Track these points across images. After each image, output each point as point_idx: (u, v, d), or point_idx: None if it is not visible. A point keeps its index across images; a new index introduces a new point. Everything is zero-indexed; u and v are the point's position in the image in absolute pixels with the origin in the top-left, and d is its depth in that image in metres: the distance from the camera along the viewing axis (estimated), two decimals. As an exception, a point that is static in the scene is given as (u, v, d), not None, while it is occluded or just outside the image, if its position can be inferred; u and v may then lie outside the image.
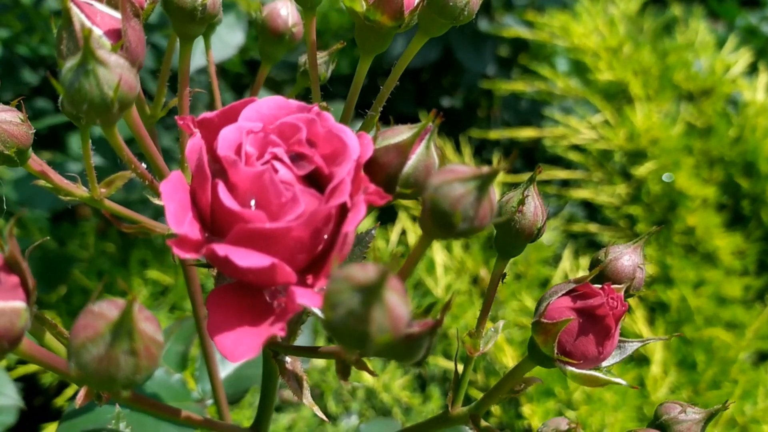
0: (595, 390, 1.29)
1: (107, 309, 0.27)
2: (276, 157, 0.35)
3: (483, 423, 0.48)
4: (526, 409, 1.25)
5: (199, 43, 0.48)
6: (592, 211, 1.71)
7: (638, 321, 1.38)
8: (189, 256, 0.33)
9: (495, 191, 0.32)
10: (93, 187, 0.49)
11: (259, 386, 0.53)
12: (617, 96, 1.66)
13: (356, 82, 0.46)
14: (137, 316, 0.27)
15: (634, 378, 1.33)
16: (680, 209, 1.52)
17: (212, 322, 0.33)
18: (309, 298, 0.33)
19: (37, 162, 0.46)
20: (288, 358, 0.46)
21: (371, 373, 0.36)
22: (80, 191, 0.49)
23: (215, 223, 0.35)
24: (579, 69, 1.79)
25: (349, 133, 0.36)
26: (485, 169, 0.30)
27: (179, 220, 0.33)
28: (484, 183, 0.30)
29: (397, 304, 0.26)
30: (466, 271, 1.45)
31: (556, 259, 1.56)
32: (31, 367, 1.26)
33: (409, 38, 0.46)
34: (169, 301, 1.41)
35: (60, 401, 1.21)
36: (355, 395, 1.36)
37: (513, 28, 1.83)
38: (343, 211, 0.35)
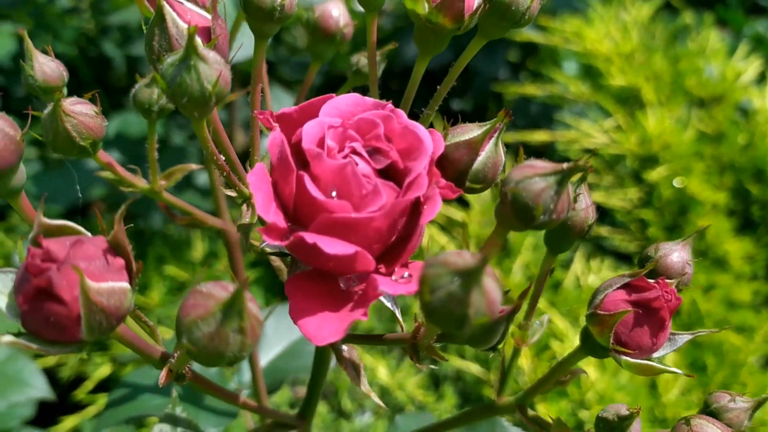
0: (608, 391, 1.30)
1: (215, 290, 0.29)
2: (354, 151, 0.37)
3: (530, 412, 0.49)
4: (541, 408, 1.26)
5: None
6: (602, 214, 1.73)
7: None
8: (276, 243, 0.35)
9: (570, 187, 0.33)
10: (154, 179, 0.50)
11: (293, 379, 0.54)
12: (629, 101, 1.68)
13: (413, 80, 0.47)
14: (246, 296, 0.28)
15: (647, 378, 1.35)
16: (691, 214, 1.54)
17: (294, 307, 0.35)
18: (389, 286, 0.35)
19: (104, 154, 0.48)
20: (345, 347, 0.48)
21: (442, 358, 0.37)
22: (141, 183, 0.51)
23: (297, 213, 0.36)
24: (589, 73, 1.81)
25: (423, 130, 0.38)
26: (565, 165, 0.32)
27: (267, 208, 0.35)
28: (563, 178, 0.32)
29: (493, 289, 0.28)
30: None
31: (567, 263, 1.58)
32: (49, 361, 1.28)
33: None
34: (186, 297, 1.42)
35: (80, 394, 1.23)
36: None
37: (525, 32, 1.85)
38: (414, 204, 0.37)
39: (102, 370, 1.21)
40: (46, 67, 0.46)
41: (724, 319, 1.46)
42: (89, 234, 0.32)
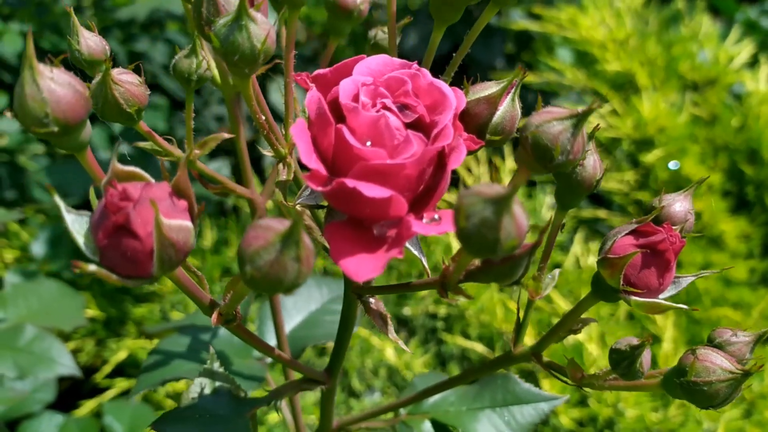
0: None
1: (274, 223, 0.32)
2: (385, 107, 0.40)
3: (545, 359, 0.53)
4: (545, 384, 1.30)
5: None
6: (598, 198, 1.77)
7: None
8: (318, 188, 0.38)
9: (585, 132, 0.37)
10: (189, 147, 0.54)
11: (314, 346, 0.57)
12: (624, 86, 1.72)
13: (430, 49, 0.51)
14: (302, 228, 0.32)
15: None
16: (687, 195, 1.58)
17: (334, 249, 0.39)
18: (421, 227, 0.38)
19: (144, 124, 0.51)
20: (372, 299, 0.51)
21: (468, 296, 0.41)
22: (177, 152, 0.54)
23: (335, 162, 0.40)
24: (583, 60, 1.85)
25: (447, 87, 0.41)
26: (581, 108, 0.35)
27: (309, 156, 0.38)
28: (579, 121, 0.36)
29: (521, 214, 0.32)
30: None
31: (567, 245, 1.62)
32: (67, 347, 1.31)
33: (421, 28, 0.51)
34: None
35: (98, 377, 1.26)
36: (378, 373, 1.41)
37: (521, 21, 1.89)
38: (439, 156, 0.41)
39: (119, 354, 1.25)
40: (90, 41, 0.49)
41: (721, 296, 1.50)
42: (154, 180, 0.35)
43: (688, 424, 1.30)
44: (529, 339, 1.39)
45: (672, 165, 1.60)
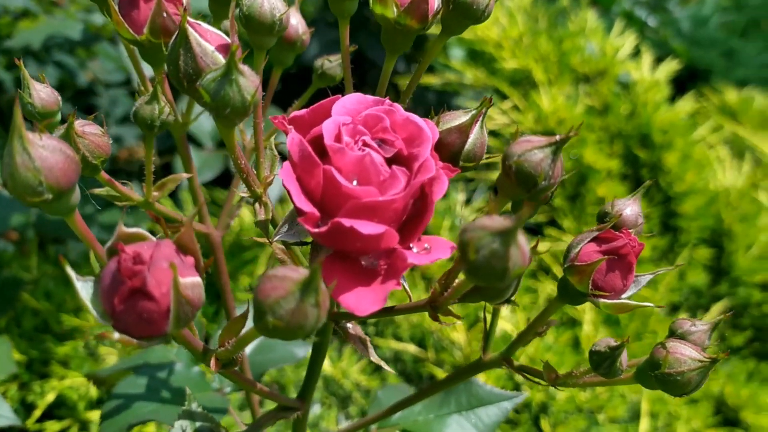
0: (537, 353, 1.40)
1: (289, 272, 0.33)
2: (365, 144, 0.42)
3: (515, 363, 0.56)
4: (481, 376, 1.35)
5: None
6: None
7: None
8: (315, 230, 0.39)
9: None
10: (148, 191, 0.53)
11: (272, 371, 0.58)
12: (522, 82, 1.79)
13: (384, 78, 0.53)
14: (320, 274, 0.33)
15: (570, 338, 1.46)
16: (590, 182, 1.67)
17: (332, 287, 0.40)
18: (415, 258, 0.40)
19: (103, 173, 0.50)
20: (350, 324, 0.53)
21: (457, 317, 0.43)
22: (136, 196, 0.53)
23: (324, 202, 0.41)
24: (481, 59, 1.91)
25: (421, 120, 0.43)
26: (557, 137, 0.38)
27: (302, 200, 0.39)
28: (557, 148, 0.38)
29: (524, 243, 0.34)
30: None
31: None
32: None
33: (321, 37, 0.53)
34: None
35: (29, 423, 1.21)
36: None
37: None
38: (421, 187, 0.42)
39: (47, 397, 1.20)
40: (42, 93, 0.48)
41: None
42: (154, 239, 0.35)
43: (614, 399, 1.38)
44: (462, 336, 1.43)
45: (571, 155, 1.68)
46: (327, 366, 1.40)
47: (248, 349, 0.78)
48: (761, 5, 2.71)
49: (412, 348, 1.44)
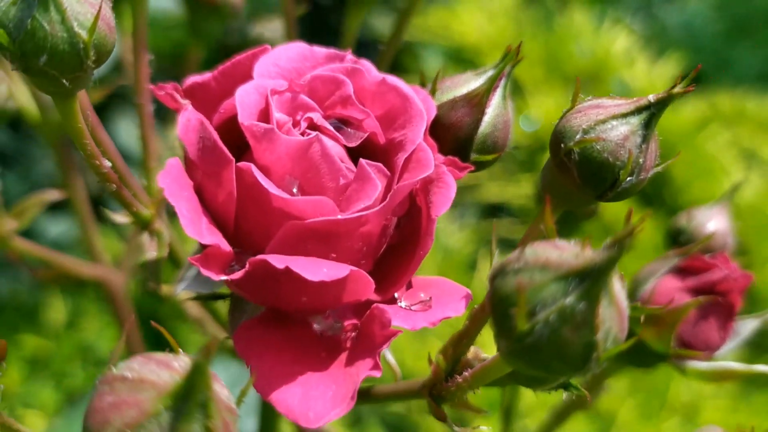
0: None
1: (150, 369, 0.16)
2: (313, 124, 0.24)
3: None
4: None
5: None
6: (496, 210, 1.67)
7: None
8: (218, 277, 0.22)
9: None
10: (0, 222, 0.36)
11: None
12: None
13: (350, 31, 0.36)
14: (210, 374, 0.16)
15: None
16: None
17: (260, 374, 0.22)
18: (403, 318, 0.23)
19: None
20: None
21: (479, 411, 0.26)
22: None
23: (241, 227, 0.23)
24: (459, 64, 1.76)
25: (407, 86, 0.26)
26: (650, 96, 0.21)
27: (197, 224, 0.22)
28: (651, 117, 0.21)
29: (622, 296, 0.17)
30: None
31: (473, 265, 1.50)
32: None
33: None
34: (54, 371, 1.21)
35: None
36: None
37: (387, 31, 1.78)
38: (410, 198, 0.25)
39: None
40: None
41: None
42: None
43: None
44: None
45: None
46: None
47: None
48: (749, 12, 2.62)
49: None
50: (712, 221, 0.35)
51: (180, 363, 0.17)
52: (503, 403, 0.39)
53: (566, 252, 0.17)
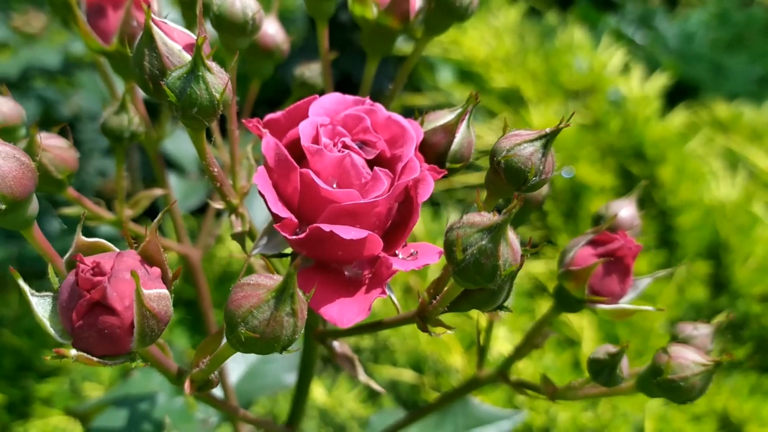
0: (536, 375, 1.36)
1: (262, 279, 0.31)
2: (345, 145, 0.39)
3: (512, 377, 0.53)
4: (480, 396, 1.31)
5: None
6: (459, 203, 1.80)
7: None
8: (292, 237, 0.37)
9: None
10: (120, 210, 0.51)
11: (264, 402, 0.54)
12: (512, 100, 1.77)
13: (366, 81, 0.51)
14: (296, 280, 0.30)
15: (569, 358, 1.42)
16: (583, 198, 1.65)
17: (314, 300, 0.37)
18: (400, 264, 0.37)
19: (71, 189, 0.48)
20: (336, 343, 0.50)
21: (448, 327, 0.40)
22: (108, 215, 0.51)
23: (302, 208, 0.38)
24: (470, 78, 1.90)
25: (404, 120, 0.41)
26: (547, 129, 0.36)
27: (279, 206, 0.37)
28: (548, 141, 0.36)
29: (515, 240, 0.31)
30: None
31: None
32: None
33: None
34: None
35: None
36: (310, 415, 1.38)
37: (404, 47, 1.92)
38: (405, 190, 0.40)
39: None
40: (4, 107, 0.46)
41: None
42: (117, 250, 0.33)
43: (617, 419, 1.34)
44: (460, 359, 1.39)
45: (565, 173, 1.66)
46: (322, 395, 1.37)
47: (235, 377, 0.75)
48: (745, 21, 2.72)
49: (408, 374, 1.41)
50: (623, 209, 0.49)
51: (276, 277, 0.31)
52: (478, 341, 0.53)
53: (485, 218, 0.31)
